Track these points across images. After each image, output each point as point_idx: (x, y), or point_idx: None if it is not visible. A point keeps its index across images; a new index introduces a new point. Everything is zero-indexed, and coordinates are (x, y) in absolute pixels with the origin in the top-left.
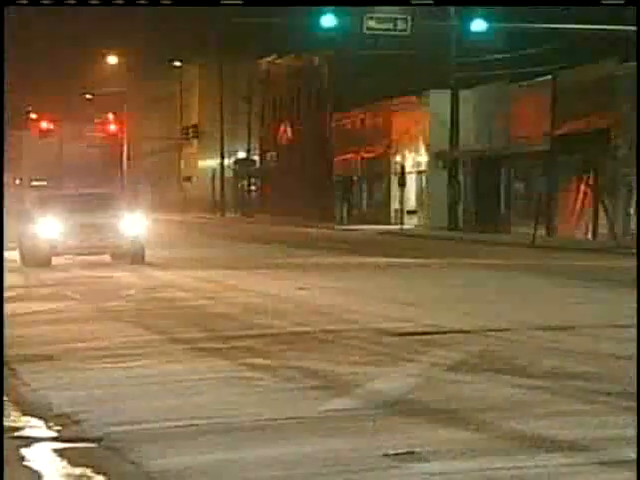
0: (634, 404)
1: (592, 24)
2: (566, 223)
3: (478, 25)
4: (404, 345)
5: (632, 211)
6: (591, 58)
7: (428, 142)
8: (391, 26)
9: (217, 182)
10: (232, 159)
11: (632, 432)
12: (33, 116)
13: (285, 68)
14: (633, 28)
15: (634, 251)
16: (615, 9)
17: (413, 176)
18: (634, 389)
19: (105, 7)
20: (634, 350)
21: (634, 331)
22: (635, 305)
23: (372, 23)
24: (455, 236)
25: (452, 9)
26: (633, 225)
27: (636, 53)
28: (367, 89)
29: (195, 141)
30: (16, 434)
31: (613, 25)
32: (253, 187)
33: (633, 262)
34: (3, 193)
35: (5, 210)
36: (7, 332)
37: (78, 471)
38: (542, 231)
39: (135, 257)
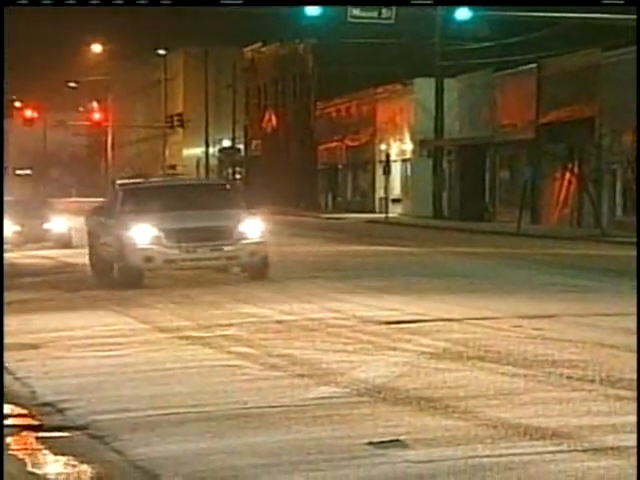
0: (618, 392)
1: (577, 12)
2: (551, 211)
3: (462, 13)
4: (389, 333)
5: (618, 200)
6: (576, 46)
7: (413, 130)
8: (375, 14)
9: (202, 170)
10: (217, 147)
11: (616, 420)
12: (17, 104)
13: (270, 56)
14: (618, 16)
15: (619, 239)
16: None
17: (398, 164)
18: (617, 376)
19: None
20: (619, 338)
21: (618, 319)
22: (624, 294)
23: (356, 12)
24: (440, 224)
25: None
26: (618, 213)
27: (636, 53)
28: (352, 77)
29: (180, 129)
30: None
31: (598, 13)
32: (238, 175)
33: (618, 250)
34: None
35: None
36: None
37: (63, 460)
38: (527, 219)
39: (256, 270)
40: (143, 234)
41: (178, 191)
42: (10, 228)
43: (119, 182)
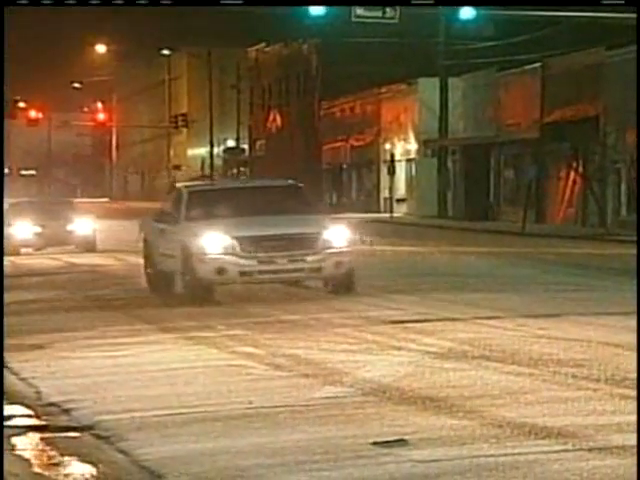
0: (623, 391)
1: (581, 12)
2: (555, 211)
3: (466, 13)
4: (394, 333)
5: (623, 199)
6: (580, 45)
7: (417, 130)
8: (380, 14)
9: (207, 170)
10: (221, 147)
11: (621, 419)
12: (21, 105)
13: (274, 56)
14: (621, 15)
15: (623, 238)
16: None
17: (402, 164)
18: (622, 375)
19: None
20: (623, 337)
21: (623, 318)
22: (628, 293)
23: (360, 11)
24: (444, 224)
25: None
26: (623, 212)
27: (636, 52)
28: (356, 77)
29: (184, 130)
30: (6, 423)
31: (602, 13)
32: (242, 176)
33: (622, 249)
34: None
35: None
36: None
37: (68, 460)
38: (531, 218)
39: (341, 283)
40: (214, 243)
41: (249, 194)
42: (30, 229)
43: (184, 184)
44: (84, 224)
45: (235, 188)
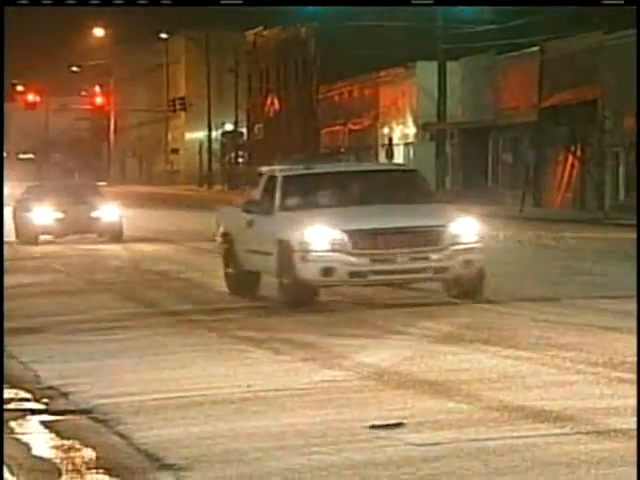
0: (621, 374)
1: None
2: (554, 194)
3: None
4: (392, 317)
5: (621, 182)
6: (578, 29)
7: (416, 114)
8: None
9: (204, 154)
10: (219, 131)
11: (619, 402)
12: (19, 88)
13: (272, 40)
14: (620, 2)
15: (621, 222)
16: None
17: (400, 148)
18: (620, 359)
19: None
20: (622, 321)
21: (621, 302)
22: (628, 277)
23: None
24: None
25: None
26: (621, 196)
27: (636, 52)
28: (354, 61)
29: (182, 113)
30: (4, 407)
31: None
32: (240, 159)
33: (621, 233)
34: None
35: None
36: None
37: (67, 443)
38: (530, 202)
39: (469, 286)
40: (319, 237)
41: (356, 179)
42: (50, 215)
43: (278, 168)
44: (110, 210)
45: (339, 172)
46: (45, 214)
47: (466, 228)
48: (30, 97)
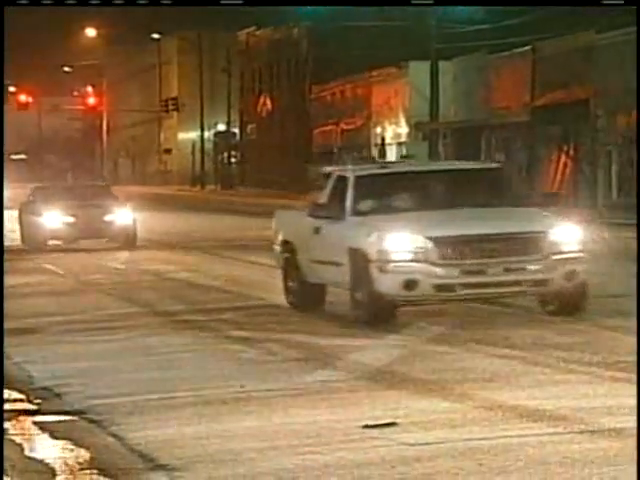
0: (615, 374)
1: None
2: None
3: None
4: None
5: (614, 181)
6: (570, 29)
7: (408, 113)
8: None
9: (197, 154)
10: (212, 131)
11: (613, 401)
12: (11, 89)
13: (264, 40)
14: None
15: (615, 221)
16: None
17: (393, 147)
18: (614, 359)
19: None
20: (616, 320)
21: (615, 301)
22: (623, 276)
23: None
24: None
25: None
26: (614, 195)
27: (636, 51)
28: (346, 60)
29: (175, 113)
30: None
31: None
32: (233, 159)
33: (614, 232)
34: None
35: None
36: None
37: (60, 444)
38: None
39: (571, 301)
40: (399, 245)
41: (436, 180)
42: (59, 219)
43: (348, 168)
44: (123, 214)
45: (418, 172)
46: (54, 218)
47: (568, 235)
48: (22, 98)
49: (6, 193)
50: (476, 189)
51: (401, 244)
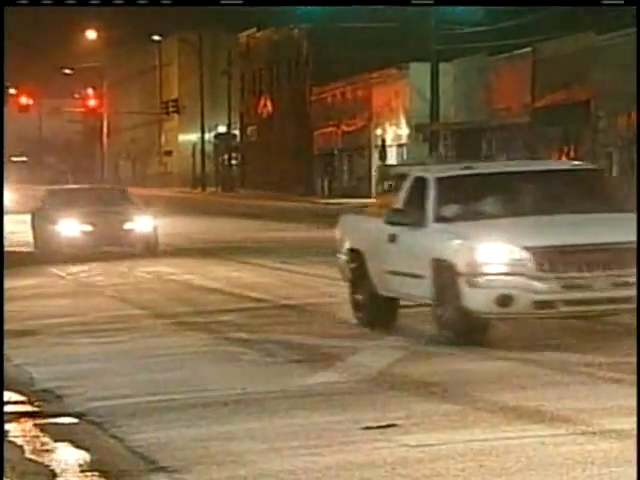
0: (616, 375)
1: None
2: None
3: None
4: None
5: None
6: (570, 30)
7: (408, 115)
8: None
9: (198, 156)
10: (213, 133)
11: (614, 403)
12: (12, 91)
13: (265, 42)
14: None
15: None
16: None
17: (394, 149)
18: (615, 360)
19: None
20: (617, 325)
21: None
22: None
23: None
24: None
25: None
26: None
27: (637, 51)
28: (347, 62)
29: (175, 115)
30: None
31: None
32: (234, 161)
33: None
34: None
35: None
36: None
37: (61, 446)
38: None
39: None
40: (493, 256)
41: (528, 182)
42: (77, 227)
43: (428, 168)
44: (143, 221)
45: (508, 173)
46: (71, 227)
47: None
48: (23, 100)
49: (12, 195)
50: (573, 193)
51: (494, 255)
